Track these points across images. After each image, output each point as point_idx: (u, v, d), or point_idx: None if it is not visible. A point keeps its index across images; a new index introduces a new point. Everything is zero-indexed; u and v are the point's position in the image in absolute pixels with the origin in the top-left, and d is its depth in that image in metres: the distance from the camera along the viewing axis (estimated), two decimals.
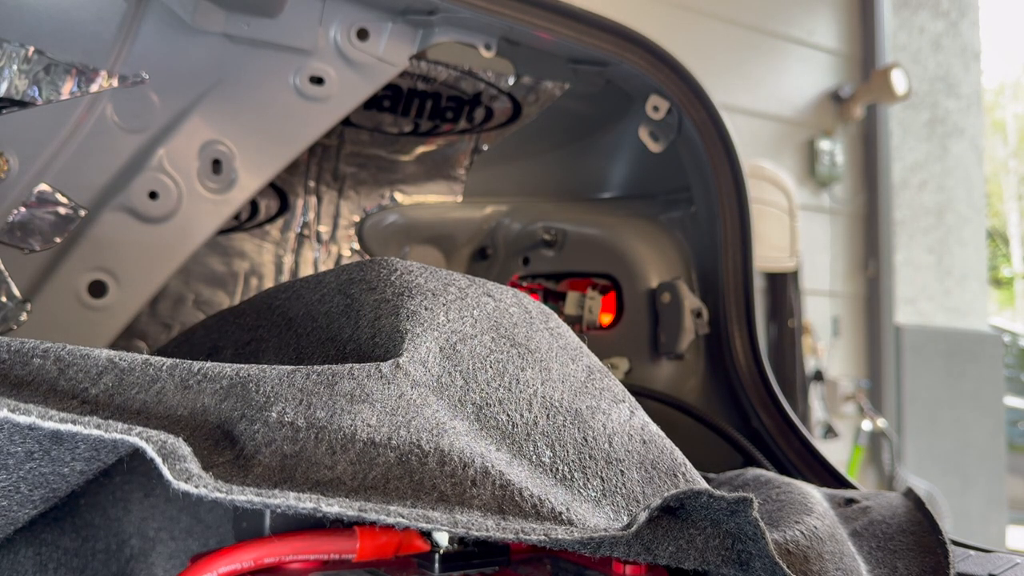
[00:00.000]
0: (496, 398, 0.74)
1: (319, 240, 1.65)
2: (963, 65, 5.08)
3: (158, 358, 0.64)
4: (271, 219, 1.61)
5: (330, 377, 0.66)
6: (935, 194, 4.85)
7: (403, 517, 0.55)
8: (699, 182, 1.51)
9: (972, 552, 0.92)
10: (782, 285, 2.68)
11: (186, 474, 0.52)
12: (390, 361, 0.70)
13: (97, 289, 1.19)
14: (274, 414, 0.61)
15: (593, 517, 0.67)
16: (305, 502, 0.53)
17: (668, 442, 0.82)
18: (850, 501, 0.95)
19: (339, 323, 0.82)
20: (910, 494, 0.97)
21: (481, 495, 0.63)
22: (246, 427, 0.61)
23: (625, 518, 0.70)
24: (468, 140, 1.67)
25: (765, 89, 4.17)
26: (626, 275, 1.52)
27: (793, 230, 2.58)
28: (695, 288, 1.51)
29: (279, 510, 0.53)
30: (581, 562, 0.69)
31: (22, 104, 1.08)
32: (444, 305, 0.79)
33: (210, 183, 1.25)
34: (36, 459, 0.58)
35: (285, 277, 1.63)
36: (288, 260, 1.62)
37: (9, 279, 1.12)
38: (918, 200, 4.76)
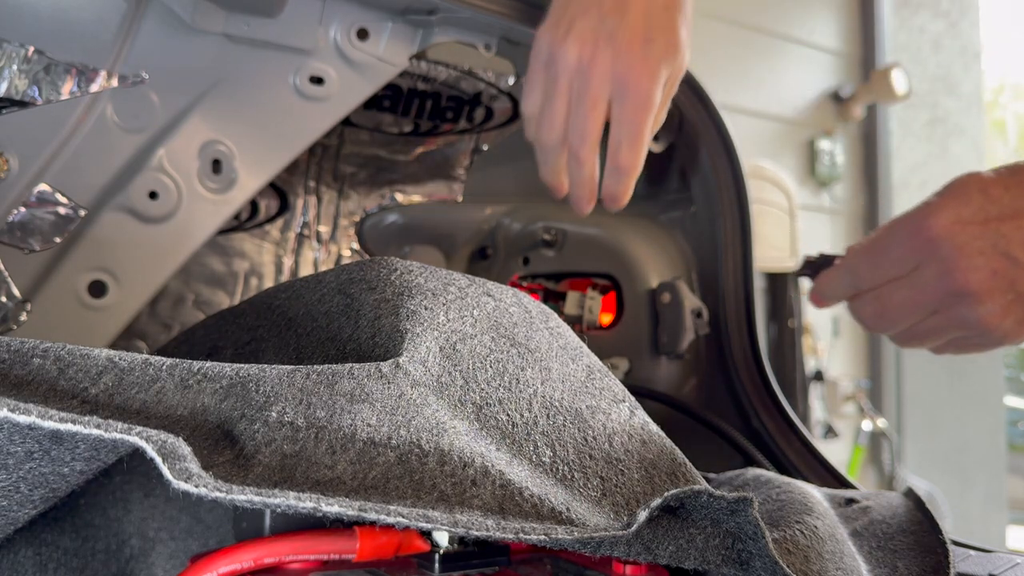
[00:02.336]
0: (496, 398, 0.74)
1: (319, 240, 1.65)
2: (963, 65, 5.08)
3: (158, 358, 0.64)
4: (271, 219, 1.60)
5: (330, 377, 0.66)
6: None
7: (403, 517, 0.55)
8: (699, 182, 1.51)
9: (972, 552, 0.92)
10: (782, 285, 2.68)
11: (186, 474, 0.52)
12: (390, 361, 0.70)
13: (97, 289, 1.19)
14: (274, 414, 0.61)
15: (593, 517, 0.67)
16: (305, 502, 0.53)
17: (668, 442, 0.82)
18: (850, 501, 0.95)
19: (339, 323, 0.82)
20: (910, 494, 0.97)
21: (481, 495, 0.63)
22: (246, 427, 0.61)
23: (625, 518, 0.70)
24: (468, 140, 1.67)
25: (765, 89, 4.17)
26: (626, 275, 1.52)
27: (793, 230, 2.58)
28: (695, 288, 1.51)
29: (279, 510, 0.53)
30: (581, 562, 0.69)
31: (22, 104, 1.08)
32: (444, 305, 0.79)
33: (210, 183, 1.25)
34: (36, 459, 0.58)
35: (285, 277, 1.63)
36: (288, 260, 1.62)
37: (9, 279, 1.12)
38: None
